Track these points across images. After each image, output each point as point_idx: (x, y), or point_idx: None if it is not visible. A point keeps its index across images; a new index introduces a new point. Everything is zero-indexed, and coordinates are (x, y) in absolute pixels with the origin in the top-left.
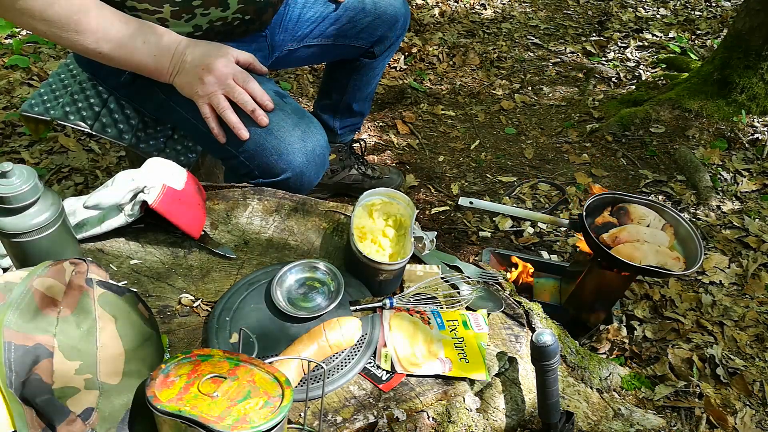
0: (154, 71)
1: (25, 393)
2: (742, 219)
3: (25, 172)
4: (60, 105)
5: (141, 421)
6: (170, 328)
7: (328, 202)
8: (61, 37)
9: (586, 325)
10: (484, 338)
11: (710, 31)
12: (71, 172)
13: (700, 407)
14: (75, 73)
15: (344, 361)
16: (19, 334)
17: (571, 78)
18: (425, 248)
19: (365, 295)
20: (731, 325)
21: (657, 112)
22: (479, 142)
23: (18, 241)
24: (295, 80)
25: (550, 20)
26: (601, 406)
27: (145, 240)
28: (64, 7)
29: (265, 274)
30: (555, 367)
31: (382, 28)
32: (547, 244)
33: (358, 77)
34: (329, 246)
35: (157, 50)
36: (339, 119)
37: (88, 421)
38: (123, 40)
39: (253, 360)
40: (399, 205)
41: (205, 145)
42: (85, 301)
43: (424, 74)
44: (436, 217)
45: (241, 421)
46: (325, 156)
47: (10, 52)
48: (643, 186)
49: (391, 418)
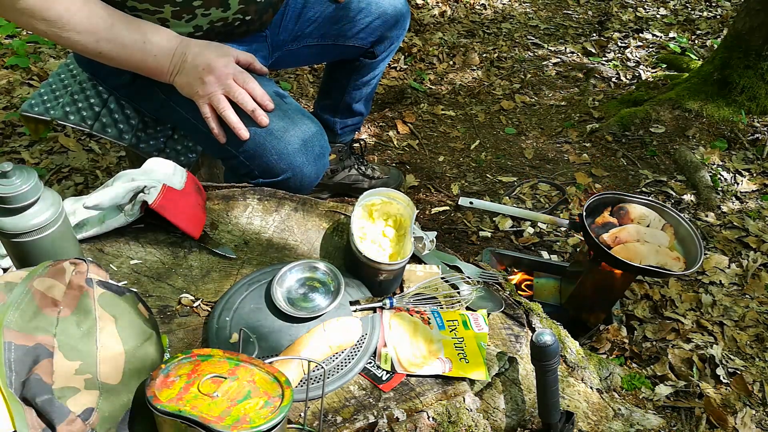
0: (155, 71)
1: (25, 393)
2: (742, 219)
3: (25, 172)
4: (60, 105)
5: (141, 421)
6: (170, 328)
7: (328, 202)
8: (61, 37)
9: (586, 325)
10: (484, 338)
11: (710, 31)
12: (71, 172)
13: (700, 407)
14: (75, 73)
15: (344, 361)
16: (19, 334)
17: (571, 78)
18: (425, 248)
19: (365, 295)
20: (731, 325)
21: (657, 112)
22: (479, 142)
23: (18, 241)
24: (295, 80)
25: (550, 20)
26: (601, 406)
27: (145, 240)
28: (65, 7)
29: (265, 274)
30: (555, 367)
31: (383, 28)
32: (547, 244)
33: (358, 77)
34: (329, 246)
35: (158, 50)
36: (339, 119)
37: (88, 421)
38: (123, 40)
39: (253, 360)
40: (399, 205)
41: (205, 145)
42: (85, 301)
43: (424, 74)
44: (436, 217)
45: (241, 421)
46: (325, 156)
47: (10, 52)
48: (643, 186)
49: (391, 418)
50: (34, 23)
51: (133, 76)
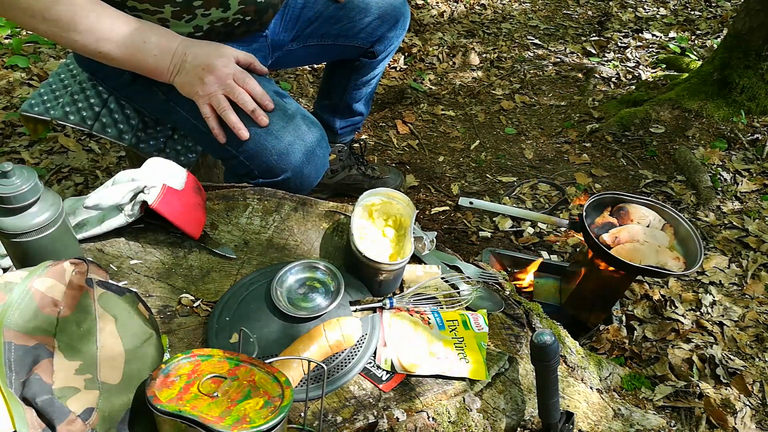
0: (155, 71)
1: (25, 393)
2: (742, 219)
3: (25, 172)
4: (60, 105)
5: (141, 421)
6: (170, 328)
7: (328, 202)
8: (62, 37)
9: (586, 325)
10: (484, 338)
11: (710, 31)
12: (71, 172)
13: (700, 407)
14: (75, 73)
15: (344, 361)
16: (19, 334)
17: (571, 78)
18: (425, 248)
19: (365, 295)
20: (731, 325)
21: (657, 112)
22: (479, 142)
23: (18, 241)
24: (295, 80)
25: (550, 20)
26: (601, 406)
27: (145, 240)
28: (66, 7)
29: (265, 274)
30: (555, 367)
31: (383, 28)
32: (547, 244)
33: (359, 77)
34: (329, 246)
35: (158, 50)
36: (339, 119)
37: (88, 421)
38: (123, 40)
39: (253, 360)
40: (398, 205)
41: (205, 146)
42: (85, 301)
43: (424, 74)
44: (436, 217)
45: (241, 421)
46: (326, 156)
47: (10, 52)
48: (643, 186)
49: (391, 418)
50: (35, 23)
51: (134, 77)
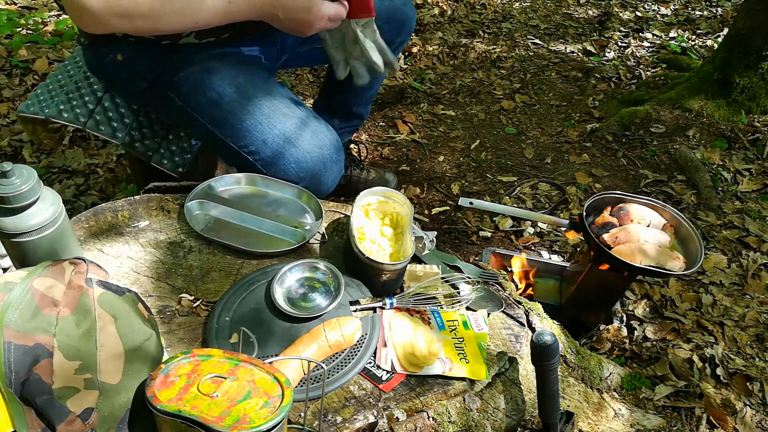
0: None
1: (25, 393)
2: (742, 219)
3: (25, 172)
4: (55, 103)
5: (141, 421)
6: (170, 328)
7: (327, 202)
8: (159, 22)
9: (586, 325)
10: (484, 338)
11: (710, 30)
12: (71, 173)
13: (700, 407)
14: (72, 73)
15: (344, 361)
16: (19, 333)
17: (571, 78)
18: (425, 248)
19: (365, 295)
20: (731, 325)
21: (657, 112)
22: (479, 142)
23: (18, 241)
24: (295, 80)
25: (550, 20)
26: (601, 406)
27: (145, 240)
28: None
29: (265, 274)
30: (555, 367)
31: (390, 33)
32: (547, 244)
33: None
34: (329, 246)
35: (244, 6)
36: (338, 120)
37: (88, 421)
38: (210, 7)
39: (253, 360)
40: (395, 203)
41: (221, 153)
42: (85, 301)
43: (424, 74)
44: (436, 217)
45: (241, 421)
46: (341, 162)
47: (10, 52)
48: (643, 186)
49: (391, 418)
50: (132, 22)
51: (149, 83)
